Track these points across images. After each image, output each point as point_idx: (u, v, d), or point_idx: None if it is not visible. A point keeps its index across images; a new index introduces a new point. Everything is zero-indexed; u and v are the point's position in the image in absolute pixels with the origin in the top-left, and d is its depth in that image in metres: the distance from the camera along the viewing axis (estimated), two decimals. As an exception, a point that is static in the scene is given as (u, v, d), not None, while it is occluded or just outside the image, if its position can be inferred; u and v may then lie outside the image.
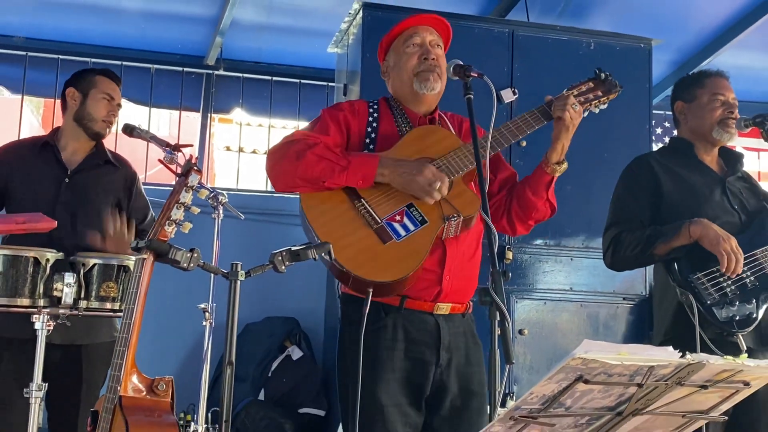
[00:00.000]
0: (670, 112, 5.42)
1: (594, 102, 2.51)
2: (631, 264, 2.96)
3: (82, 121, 3.17)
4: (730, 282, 2.74)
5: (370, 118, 2.49)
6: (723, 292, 2.74)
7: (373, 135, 2.46)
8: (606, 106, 2.55)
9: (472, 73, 2.30)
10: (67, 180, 3.12)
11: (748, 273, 2.75)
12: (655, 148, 4.68)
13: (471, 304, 2.47)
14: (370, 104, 2.54)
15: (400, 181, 2.33)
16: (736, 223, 2.86)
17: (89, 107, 3.17)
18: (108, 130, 3.22)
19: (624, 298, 4.30)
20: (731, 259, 2.67)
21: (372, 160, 2.35)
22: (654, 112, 4.83)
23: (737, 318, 2.72)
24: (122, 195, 3.23)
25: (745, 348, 2.68)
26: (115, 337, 2.95)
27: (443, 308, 2.41)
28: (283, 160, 2.40)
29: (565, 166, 2.47)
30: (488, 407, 2.35)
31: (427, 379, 2.40)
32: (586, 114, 2.53)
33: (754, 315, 2.73)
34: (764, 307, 2.75)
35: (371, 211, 2.33)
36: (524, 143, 3.90)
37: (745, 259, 2.73)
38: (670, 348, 1.63)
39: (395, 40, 2.55)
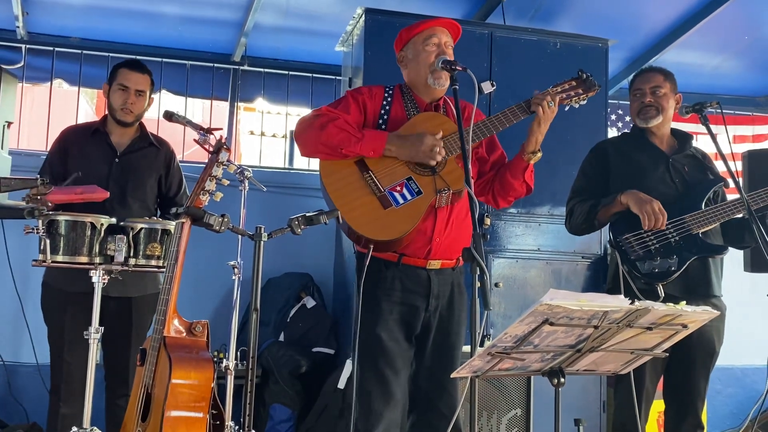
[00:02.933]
0: (623, 102, 5.42)
1: (575, 98, 2.50)
2: (582, 229, 2.99)
3: (110, 111, 3.13)
4: (655, 240, 2.75)
5: (384, 102, 2.51)
6: (647, 249, 2.76)
7: (385, 117, 2.48)
8: (585, 102, 2.52)
9: (457, 67, 2.30)
10: (117, 160, 3.10)
11: (674, 233, 2.77)
12: (610, 131, 4.67)
13: (461, 259, 2.49)
14: (387, 89, 2.55)
15: (405, 153, 2.36)
16: (672, 193, 2.87)
17: (111, 99, 3.11)
18: (130, 117, 3.10)
19: (582, 257, 4.30)
20: (651, 217, 2.69)
21: (382, 136, 2.38)
22: (609, 101, 4.80)
23: (656, 271, 2.74)
24: (162, 171, 3.22)
25: (663, 295, 2.70)
26: (159, 289, 2.97)
27: (434, 264, 2.44)
28: (309, 130, 2.42)
29: (539, 155, 2.48)
30: (467, 346, 2.39)
31: (417, 320, 2.44)
32: (567, 108, 2.51)
33: (674, 268, 2.73)
34: (687, 262, 2.75)
35: (376, 181, 2.35)
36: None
37: (674, 221, 2.76)
38: (622, 296, 1.64)
39: (416, 36, 2.53)
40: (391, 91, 2.55)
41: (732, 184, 2.79)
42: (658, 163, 2.93)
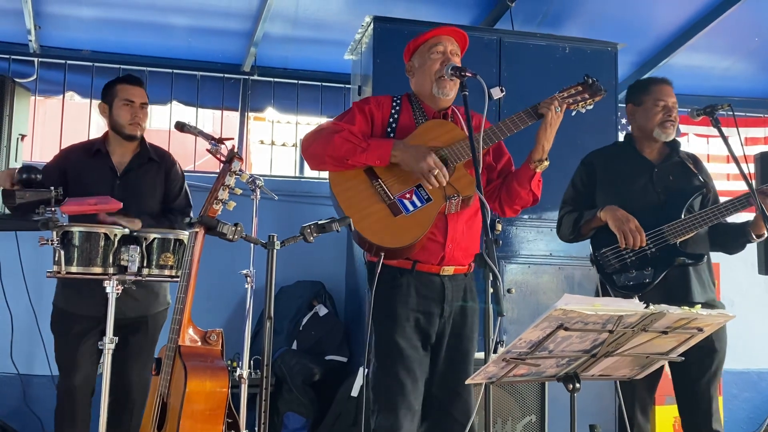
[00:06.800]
0: (633, 106, 5.32)
1: (581, 103, 2.50)
2: (570, 239, 3.05)
3: (115, 128, 3.14)
4: (631, 253, 2.80)
5: (393, 111, 2.51)
6: (624, 262, 2.82)
7: (394, 125, 2.48)
8: (592, 106, 2.52)
9: (467, 74, 2.30)
10: (118, 181, 3.09)
11: (651, 244, 2.80)
12: (620, 135, 4.65)
13: (473, 265, 2.49)
14: (395, 98, 2.55)
15: (408, 163, 2.35)
16: (654, 203, 2.89)
17: (116, 116, 3.12)
18: (139, 130, 3.14)
19: (595, 262, 4.28)
20: (628, 237, 2.74)
21: (387, 143, 2.37)
22: (619, 105, 4.78)
23: (631, 283, 2.79)
24: (164, 184, 3.21)
25: None
26: (166, 306, 3.01)
27: (448, 270, 2.44)
28: (315, 144, 2.43)
29: (546, 163, 2.47)
30: (480, 352, 2.38)
31: (432, 326, 2.43)
32: (573, 113, 2.51)
33: (648, 280, 2.78)
34: (664, 272, 2.77)
35: (386, 189, 2.36)
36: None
37: (651, 233, 2.79)
38: (636, 300, 1.64)
39: (421, 45, 2.54)
40: (399, 100, 2.55)
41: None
42: (642, 173, 2.96)
